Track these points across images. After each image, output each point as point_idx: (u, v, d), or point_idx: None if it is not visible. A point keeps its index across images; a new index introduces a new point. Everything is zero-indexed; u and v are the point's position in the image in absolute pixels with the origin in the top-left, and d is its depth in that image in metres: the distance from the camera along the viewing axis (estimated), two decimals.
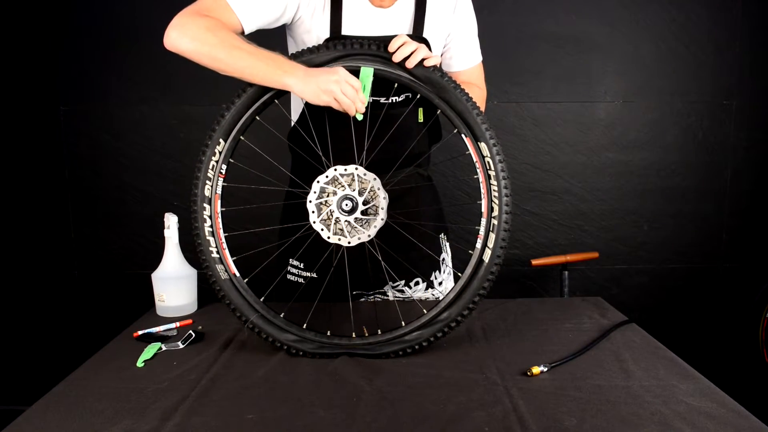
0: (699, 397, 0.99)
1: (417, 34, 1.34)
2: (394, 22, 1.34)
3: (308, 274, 1.45)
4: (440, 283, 1.52)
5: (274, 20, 1.30)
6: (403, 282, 1.46)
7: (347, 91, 1.13)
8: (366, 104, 1.16)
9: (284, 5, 1.29)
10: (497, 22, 2.24)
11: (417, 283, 1.48)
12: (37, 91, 2.31)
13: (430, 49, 1.30)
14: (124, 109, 2.31)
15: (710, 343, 2.44)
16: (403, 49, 1.15)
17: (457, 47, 1.45)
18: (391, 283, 1.46)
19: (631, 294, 2.42)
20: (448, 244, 1.55)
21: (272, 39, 1.32)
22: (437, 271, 1.51)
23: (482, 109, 1.38)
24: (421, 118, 1.40)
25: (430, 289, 1.50)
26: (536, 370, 1.08)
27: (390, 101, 1.34)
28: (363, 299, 1.48)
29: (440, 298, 1.48)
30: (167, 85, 2.28)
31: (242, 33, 1.25)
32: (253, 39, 1.23)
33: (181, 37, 1.19)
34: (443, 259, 1.52)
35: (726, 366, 2.38)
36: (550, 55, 2.29)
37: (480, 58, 1.51)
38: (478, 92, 1.47)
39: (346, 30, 1.31)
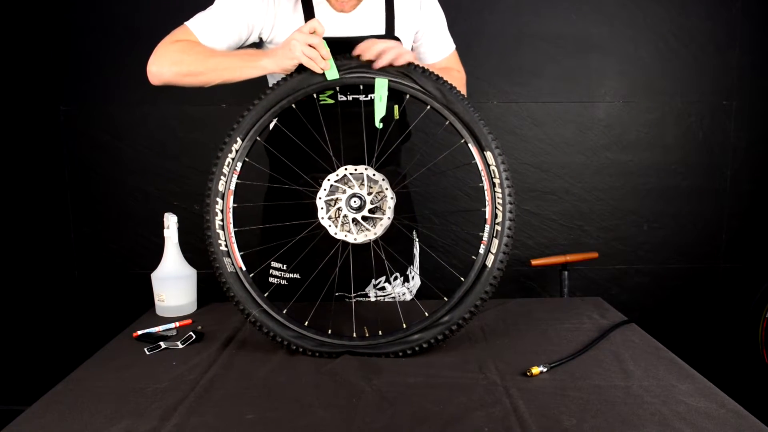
0: (698, 397, 0.99)
1: (389, 35, 1.41)
2: (367, 25, 1.40)
3: (292, 275, 1.47)
4: (412, 277, 1.57)
5: (240, 41, 1.37)
6: (383, 278, 1.49)
7: (312, 41, 1.17)
8: (383, 113, 1.21)
9: (246, 24, 1.34)
10: (497, 22, 2.23)
11: (395, 278, 1.52)
12: (37, 91, 2.31)
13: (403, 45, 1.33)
14: (124, 109, 2.31)
15: (710, 343, 2.44)
16: (370, 50, 1.19)
17: (428, 41, 1.52)
18: (373, 280, 1.49)
19: (631, 294, 2.42)
20: (417, 240, 1.61)
21: None
22: (411, 265, 1.57)
23: (463, 92, 1.46)
24: (396, 115, 1.44)
25: (406, 284, 1.54)
26: (536, 370, 1.08)
27: (368, 98, 1.38)
28: (346, 300, 1.49)
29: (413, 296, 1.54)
30: (167, 86, 2.28)
31: None
32: None
33: (161, 67, 1.28)
34: (415, 255, 1.59)
35: (726, 366, 2.37)
36: (550, 55, 2.28)
37: (453, 46, 1.57)
38: (457, 75, 1.54)
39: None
